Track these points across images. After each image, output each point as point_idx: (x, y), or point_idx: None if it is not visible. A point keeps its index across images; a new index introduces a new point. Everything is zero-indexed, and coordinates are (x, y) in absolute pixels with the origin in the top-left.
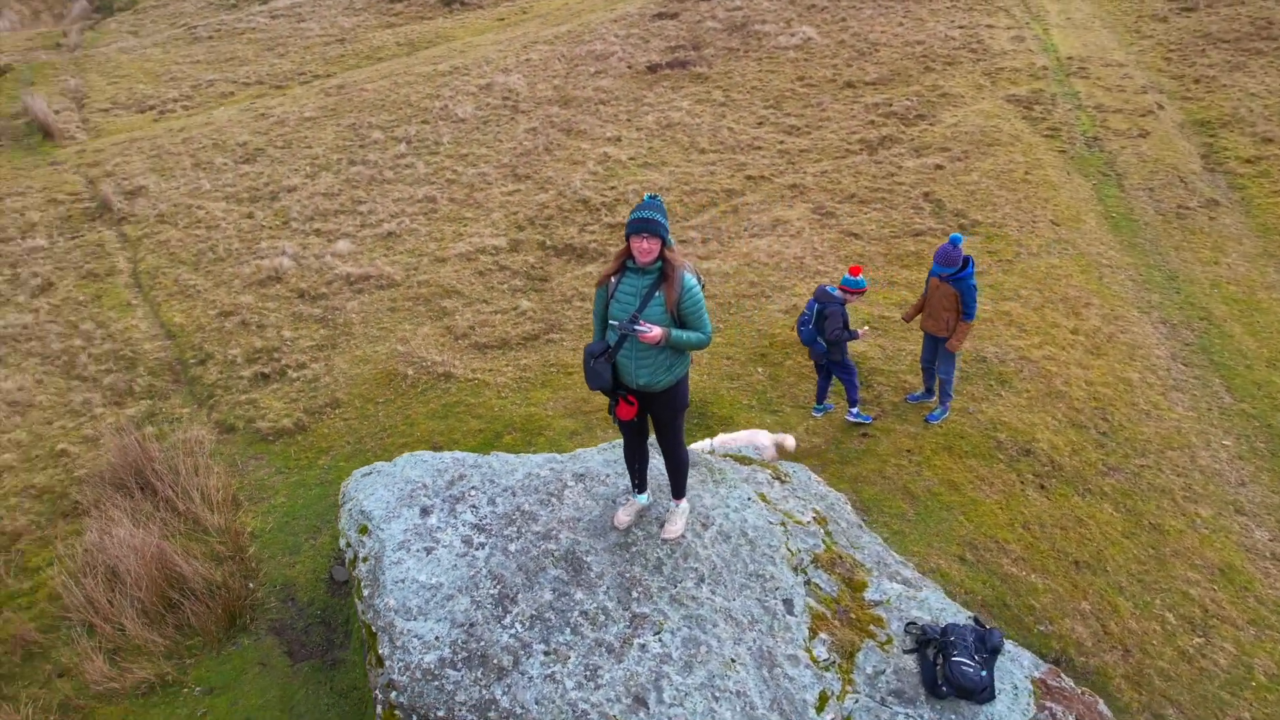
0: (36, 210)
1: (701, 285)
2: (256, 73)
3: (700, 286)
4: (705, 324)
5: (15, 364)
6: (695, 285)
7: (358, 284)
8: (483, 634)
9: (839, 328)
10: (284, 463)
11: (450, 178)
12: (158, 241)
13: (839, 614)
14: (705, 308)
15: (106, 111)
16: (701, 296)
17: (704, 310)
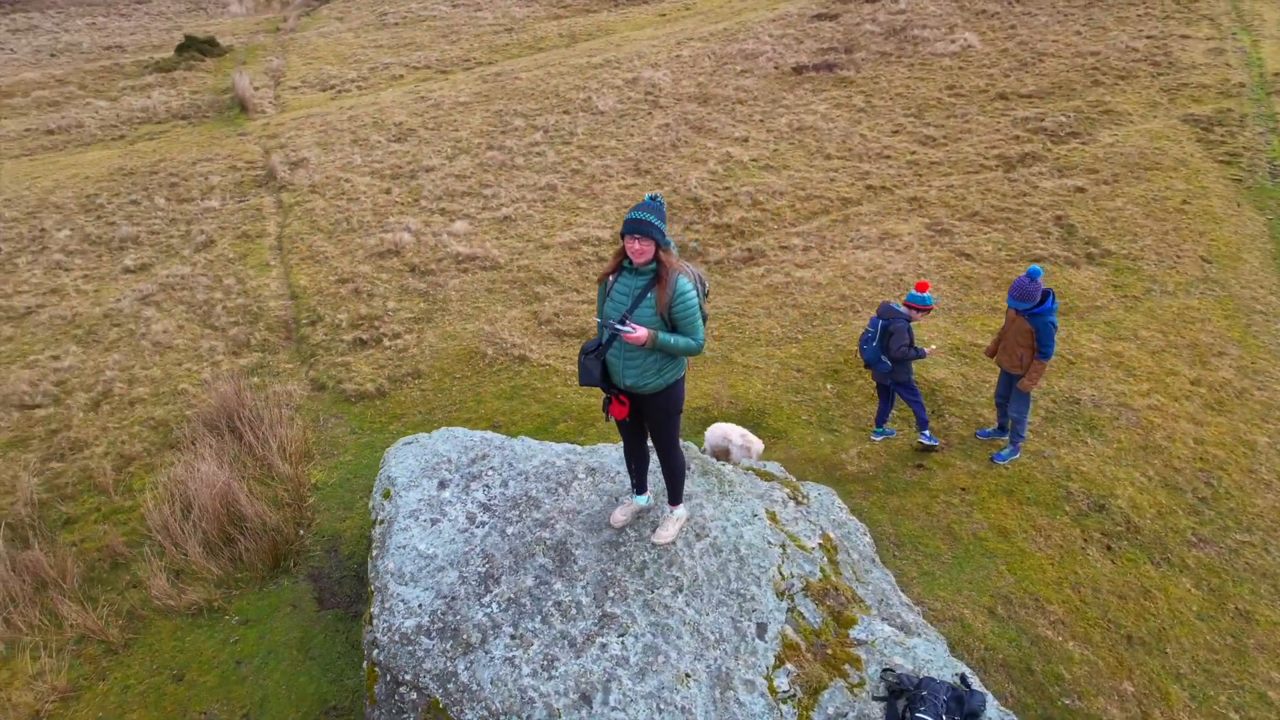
0: (218, 175)
1: (703, 292)
2: (427, 58)
3: (698, 293)
4: (696, 331)
5: (167, 310)
6: (689, 291)
7: (465, 263)
8: (460, 609)
9: (904, 345)
10: (359, 424)
11: (575, 168)
12: (305, 209)
13: (815, 647)
14: (699, 314)
15: (296, 89)
16: (695, 302)
17: (696, 317)
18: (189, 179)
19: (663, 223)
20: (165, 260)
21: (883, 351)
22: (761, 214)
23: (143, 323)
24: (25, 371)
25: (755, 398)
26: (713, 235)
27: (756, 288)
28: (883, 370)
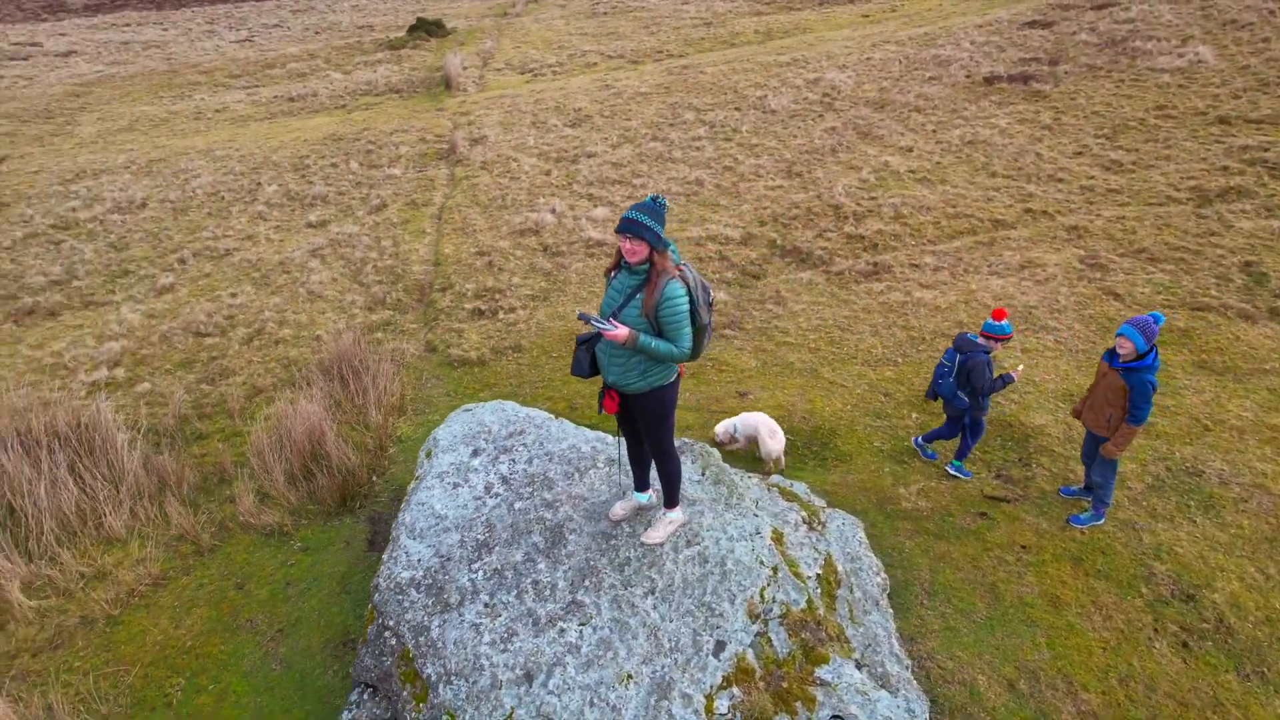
0: (408, 146)
1: (704, 302)
2: (623, 48)
3: (693, 301)
4: (681, 338)
5: (329, 263)
6: (677, 297)
7: (594, 248)
8: (451, 570)
9: (988, 378)
10: (455, 387)
11: (728, 165)
12: (471, 184)
13: (771, 677)
14: (685, 321)
15: (499, 71)
16: (682, 309)
17: (683, 323)
18: (383, 147)
19: (658, 224)
20: (341, 219)
21: (960, 387)
22: (901, 228)
23: (306, 272)
24: (208, 304)
25: (831, 416)
26: (843, 245)
27: (870, 304)
28: (960, 406)
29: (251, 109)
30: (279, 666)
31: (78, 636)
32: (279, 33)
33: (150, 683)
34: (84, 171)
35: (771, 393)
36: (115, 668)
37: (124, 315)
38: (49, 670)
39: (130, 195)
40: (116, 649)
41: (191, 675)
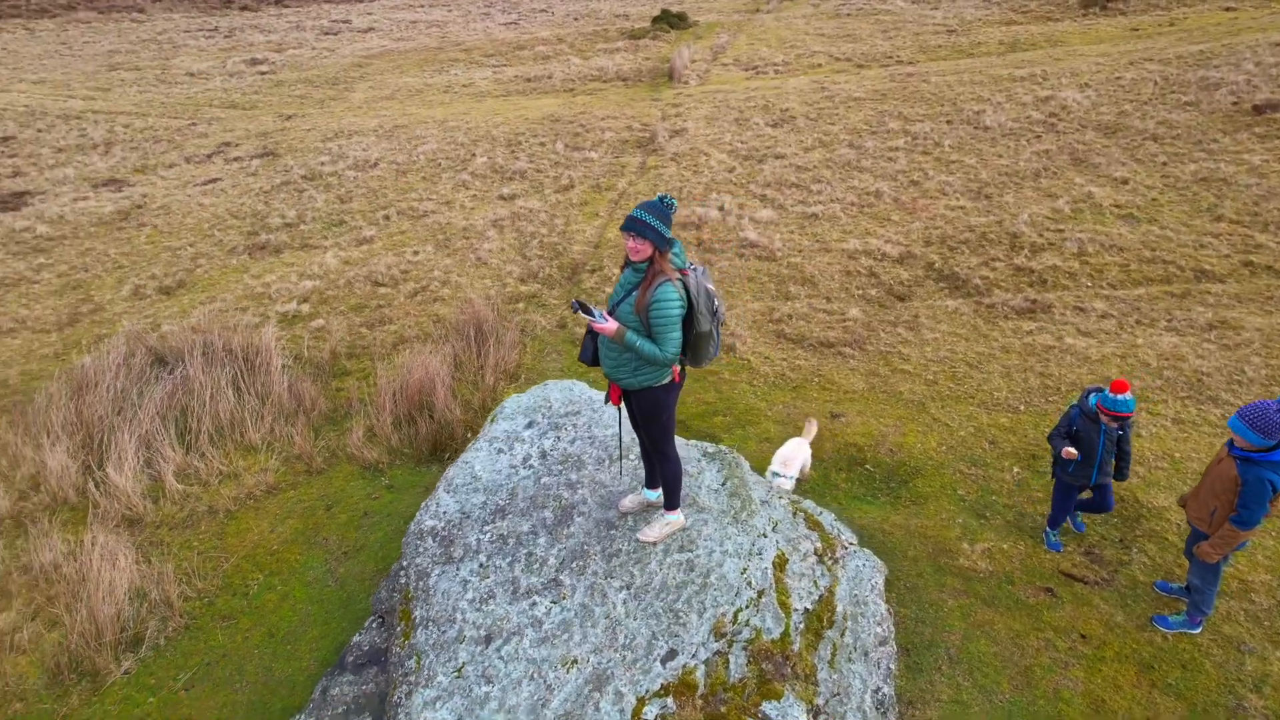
0: (613, 132)
1: (708, 309)
2: (854, 50)
3: (683, 304)
4: (666, 341)
5: (504, 234)
6: (668, 300)
7: (745, 249)
8: (465, 527)
9: (1055, 448)
10: (569, 363)
11: (915, 179)
12: (657, 174)
13: (713, 698)
14: (673, 325)
15: (725, 66)
16: (672, 312)
17: (670, 327)
18: (590, 131)
19: (664, 225)
20: (529, 195)
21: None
22: (1080, 266)
23: (482, 240)
24: (392, 258)
25: (921, 454)
26: (1007, 276)
27: (1012, 343)
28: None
29: (492, 86)
30: (334, 584)
31: (201, 522)
32: (543, 17)
33: (238, 573)
34: (342, 132)
35: (866, 419)
36: (218, 555)
37: (326, 259)
38: (174, 543)
39: (368, 155)
40: (224, 539)
41: (268, 574)
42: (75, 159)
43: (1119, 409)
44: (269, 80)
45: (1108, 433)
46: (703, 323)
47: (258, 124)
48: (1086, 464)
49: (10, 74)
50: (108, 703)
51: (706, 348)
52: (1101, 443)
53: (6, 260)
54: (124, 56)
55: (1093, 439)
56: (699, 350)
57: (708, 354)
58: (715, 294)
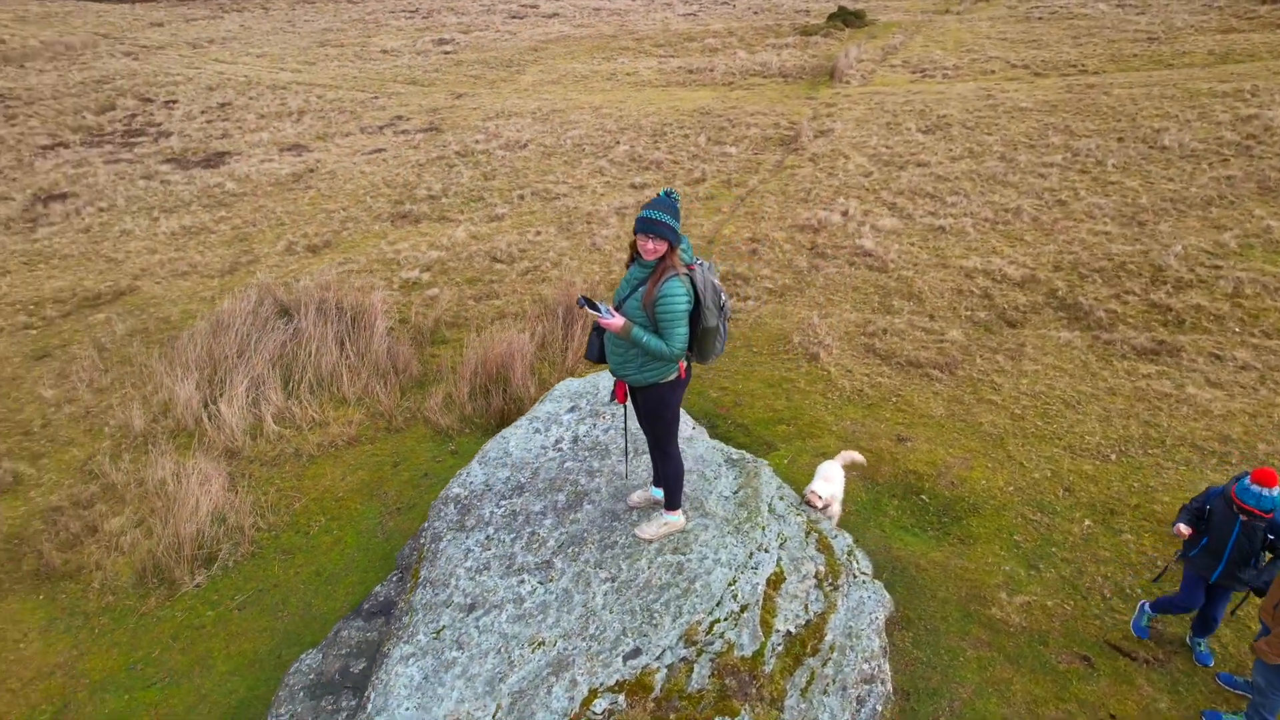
0: (758, 129)
1: (715, 305)
2: (1035, 58)
3: (689, 299)
4: (673, 336)
5: (623, 222)
6: (674, 295)
7: (858, 257)
8: (484, 499)
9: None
10: None
11: (1062, 199)
12: (790, 174)
13: (666, 703)
14: (680, 320)
15: (892, 68)
16: (678, 307)
17: (676, 323)
18: (736, 126)
19: (675, 220)
20: (659, 185)
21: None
22: (1231, 309)
23: (603, 226)
24: (515, 236)
25: (983, 492)
26: (1138, 313)
27: (1122, 385)
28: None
29: (654, 76)
30: (381, 536)
31: (286, 463)
32: (723, 10)
33: (305, 513)
34: (502, 113)
35: (934, 447)
36: (293, 494)
37: (456, 233)
38: (259, 478)
39: (520, 136)
40: (301, 481)
41: (329, 519)
42: (271, 125)
43: (1254, 503)
44: (450, 60)
45: (1243, 527)
46: (709, 318)
47: (430, 100)
48: (1212, 555)
49: (241, 48)
50: (177, 609)
51: (713, 343)
52: (1234, 537)
53: (197, 211)
54: (334, 34)
55: (1224, 529)
56: (705, 346)
57: (714, 349)
58: (721, 289)
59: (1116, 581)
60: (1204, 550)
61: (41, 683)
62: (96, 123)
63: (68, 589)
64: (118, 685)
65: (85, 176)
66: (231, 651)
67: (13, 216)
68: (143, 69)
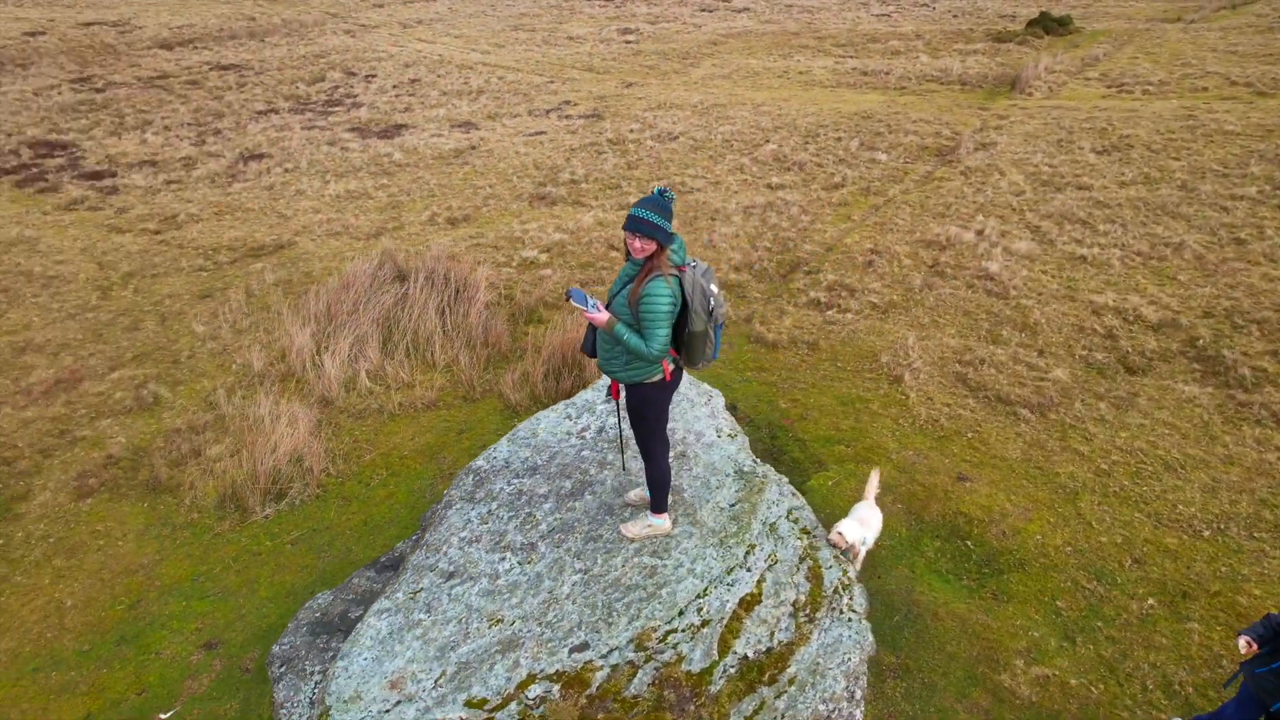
0: (915, 137)
1: (704, 310)
2: (1263, 75)
3: (674, 300)
4: (652, 337)
5: (749, 221)
6: (657, 295)
7: (979, 280)
8: (498, 475)
9: None
10: (735, 358)
11: (1241, 236)
12: (935, 186)
13: (598, 701)
14: (662, 321)
15: (1086, 81)
16: (660, 308)
17: (657, 323)
18: (893, 133)
19: (665, 220)
20: (795, 188)
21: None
22: None
23: (725, 223)
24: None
25: (1036, 548)
26: None
27: (1242, 454)
28: None
29: (826, 76)
30: (428, 497)
31: (369, 418)
32: (921, 12)
33: (369, 467)
34: (665, 104)
35: (995, 491)
36: (365, 447)
37: (584, 218)
38: (342, 428)
39: (674, 128)
40: (376, 437)
41: (389, 474)
42: (450, 102)
43: None
44: (630, 49)
45: None
46: (696, 322)
47: (601, 88)
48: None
49: (443, 29)
50: (243, 535)
51: (702, 348)
52: None
53: (364, 177)
54: (529, 19)
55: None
56: (693, 350)
57: (703, 355)
58: (714, 294)
59: (1165, 673)
60: (1275, 673)
61: (126, 578)
62: (306, 92)
63: (165, 501)
64: (180, 592)
65: (283, 140)
66: (275, 581)
67: (219, 172)
68: (355, 45)
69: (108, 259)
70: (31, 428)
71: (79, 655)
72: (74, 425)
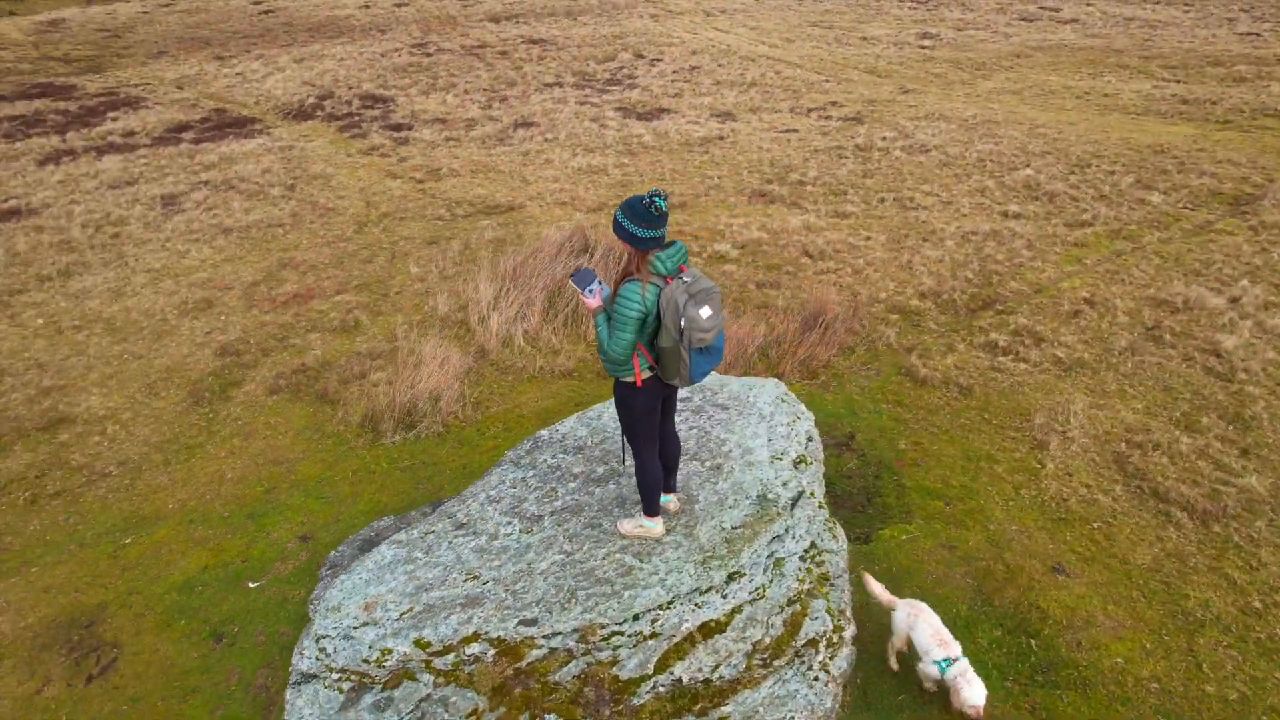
0: (1213, 179)
1: (664, 316)
2: None
3: (642, 308)
4: (614, 338)
5: (960, 247)
6: (626, 299)
7: (1203, 354)
8: (549, 447)
9: None
10: (888, 391)
11: None
12: (1206, 241)
13: (523, 677)
14: (627, 325)
15: None
16: (627, 312)
17: (620, 325)
18: (1183, 173)
19: (636, 225)
20: (1031, 219)
21: None
22: None
23: (935, 245)
24: (842, 235)
25: (1110, 672)
26: None
27: None
28: None
29: (1135, 101)
30: None
31: (510, 375)
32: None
33: (490, 420)
34: (933, 115)
35: (1092, 594)
36: (495, 401)
37: (792, 220)
38: (485, 379)
39: (928, 141)
40: (508, 393)
41: (504, 429)
42: (719, 92)
43: None
44: (923, 55)
45: None
46: (664, 338)
47: (875, 92)
48: None
49: (743, 19)
50: (368, 455)
51: (674, 365)
52: None
53: (609, 155)
54: (830, 16)
55: None
56: (665, 366)
57: (676, 373)
58: (697, 316)
59: None
60: None
61: (272, 467)
62: (593, 70)
63: (325, 411)
64: (304, 490)
65: (555, 112)
66: (375, 498)
67: (490, 135)
68: (653, 29)
69: (374, 199)
70: (264, 330)
71: (219, 519)
72: (292, 333)
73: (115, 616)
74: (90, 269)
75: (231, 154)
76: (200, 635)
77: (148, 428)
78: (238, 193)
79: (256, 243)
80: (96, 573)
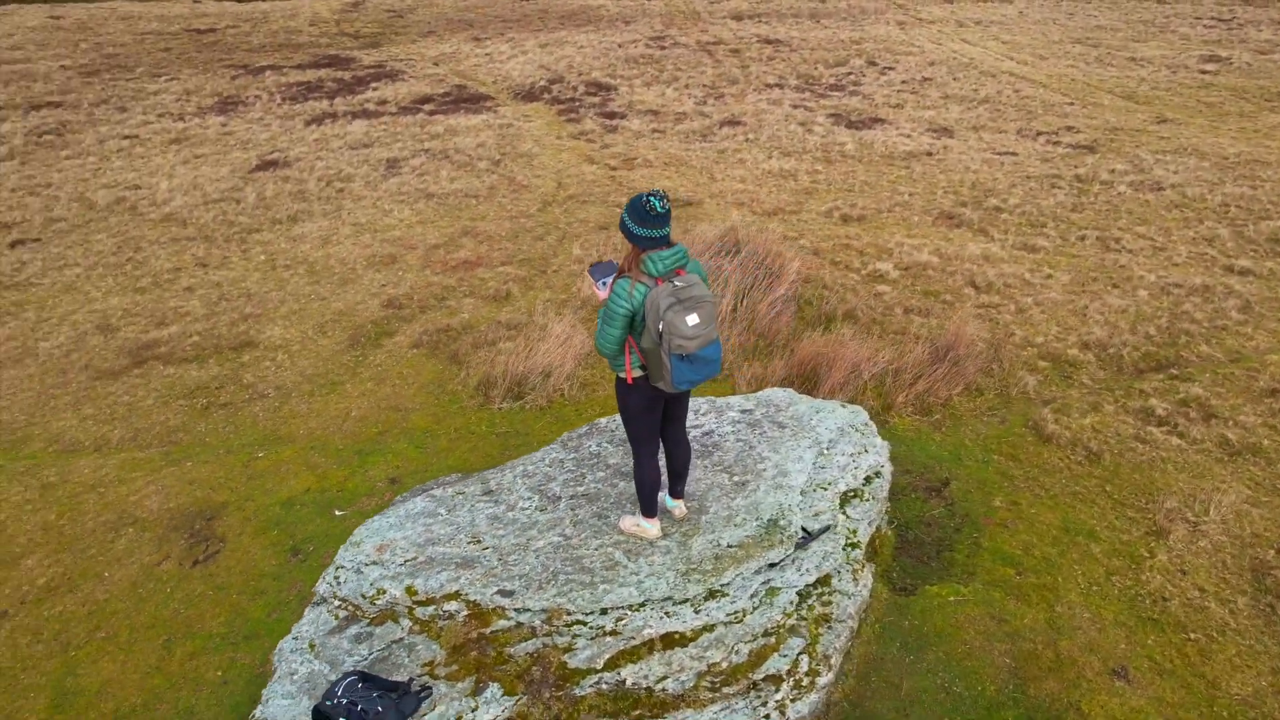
0: None
1: (646, 315)
2: None
3: (625, 306)
4: (602, 333)
5: (1131, 294)
6: (616, 297)
7: None
8: (599, 434)
9: None
10: (1006, 443)
11: None
12: None
13: (479, 642)
14: (613, 320)
15: None
16: (613, 309)
17: (607, 321)
18: None
19: (635, 223)
20: (1259, 278)
21: None
22: None
23: (1124, 293)
24: (1020, 269)
25: None
26: None
27: None
28: None
29: None
30: None
31: None
32: None
33: (589, 402)
34: (1186, 149)
35: (1151, 709)
36: (599, 384)
37: (972, 248)
38: (592, 362)
39: (1164, 178)
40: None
41: (595, 415)
42: (945, 106)
43: None
44: (1201, 80)
45: None
46: (644, 339)
47: (1123, 119)
48: None
49: (996, 32)
50: (473, 418)
51: (658, 369)
52: None
53: (806, 161)
54: (1102, 33)
55: None
56: (651, 367)
57: (662, 377)
58: (680, 324)
59: None
60: None
61: (391, 413)
62: (819, 74)
63: (451, 371)
64: (409, 438)
65: (766, 113)
66: (464, 456)
67: (695, 130)
68: (895, 37)
69: (566, 181)
70: (429, 290)
71: (334, 450)
72: (450, 296)
73: (230, 516)
74: (312, 217)
75: (456, 126)
76: (283, 547)
77: (307, 361)
78: (450, 162)
79: (450, 209)
80: (229, 477)
